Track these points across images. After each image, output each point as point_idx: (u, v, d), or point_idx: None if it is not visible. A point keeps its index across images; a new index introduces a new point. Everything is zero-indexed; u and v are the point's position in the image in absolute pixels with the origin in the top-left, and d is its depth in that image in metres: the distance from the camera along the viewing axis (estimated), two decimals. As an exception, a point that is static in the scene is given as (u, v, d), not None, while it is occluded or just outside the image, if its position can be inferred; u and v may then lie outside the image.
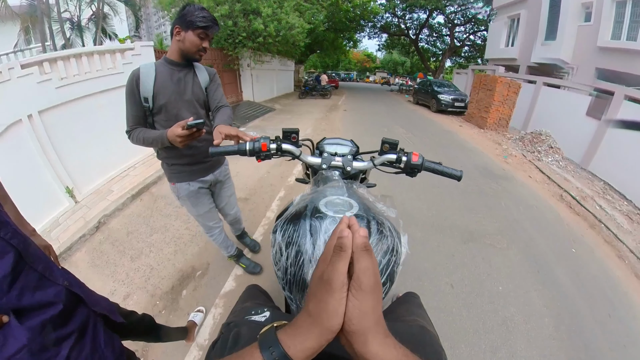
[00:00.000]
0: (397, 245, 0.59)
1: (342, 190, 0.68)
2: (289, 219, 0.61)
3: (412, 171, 0.84)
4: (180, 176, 1.35)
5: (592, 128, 5.25)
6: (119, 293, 1.89)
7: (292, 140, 0.91)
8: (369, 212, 0.60)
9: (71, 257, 2.27)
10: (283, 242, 0.57)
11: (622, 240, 2.92)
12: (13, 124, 2.60)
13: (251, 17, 7.98)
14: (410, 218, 2.77)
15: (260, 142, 0.85)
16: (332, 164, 0.88)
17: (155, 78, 1.15)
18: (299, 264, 0.53)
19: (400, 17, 19.62)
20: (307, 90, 13.20)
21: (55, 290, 0.63)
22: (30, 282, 0.58)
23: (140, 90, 1.15)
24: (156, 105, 1.18)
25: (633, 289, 2.25)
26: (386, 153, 0.88)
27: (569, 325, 1.79)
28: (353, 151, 0.97)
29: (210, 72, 1.34)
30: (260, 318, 0.51)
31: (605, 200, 3.97)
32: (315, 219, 0.56)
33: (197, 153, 1.32)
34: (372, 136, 6.09)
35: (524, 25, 10.74)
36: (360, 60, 45.09)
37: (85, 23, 11.17)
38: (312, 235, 0.53)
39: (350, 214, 0.57)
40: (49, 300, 0.61)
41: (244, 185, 3.48)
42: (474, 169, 4.38)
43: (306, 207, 0.60)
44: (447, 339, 1.62)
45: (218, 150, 0.87)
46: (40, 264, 0.63)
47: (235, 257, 1.97)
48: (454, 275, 2.07)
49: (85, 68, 3.35)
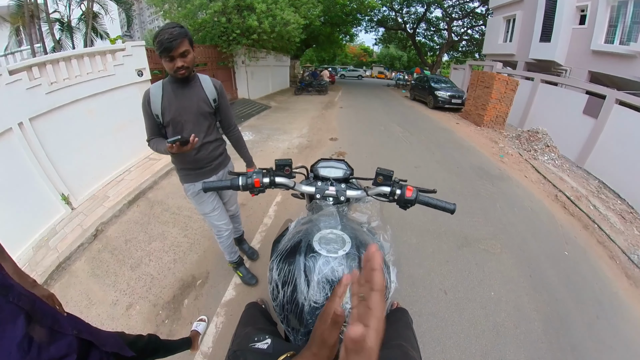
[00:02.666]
0: (387, 281, 0.61)
1: (335, 221, 0.70)
2: (285, 256, 0.63)
3: (405, 205, 0.85)
4: (186, 178, 1.51)
5: (589, 126, 5.28)
6: (121, 303, 1.90)
7: (285, 172, 0.91)
8: (360, 249, 0.62)
9: (71, 267, 2.28)
10: (279, 280, 0.60)
11: (614, 240, 2.98)
12: (4, 132, 2.55)
13: (245, 13, 7.84)
14: (406, 223, 2.80)
15: (253, 178, 0.86)
16: (325, 193, 0.88)
17: (162, 97, 1.30)
18: (295, 302, 0.55)
19: (397, 10, 19.37)
20: (303, 86, 13.08)
21: (67, 342, 0.66)
22: (43, 339, 0.60)
23: (152, 109, 1.31)
24: (165, 120, 1.33)
25: (623, 290, 2.32)
26: (380, 185, 0.88)
27: (557, 328, 1.84)
28: (347, 174, 0.97)
29: (217, 85, 1.44)
30: (262, 345, 0.55)
31: (599, 199, 4.03)
32: (309, 259, 0.58)
33: (201, 159, 1.46)
34: (369, 135, 6.08)
35: (519, 25, 10.70)
36: (357, 54, 44.61)
37: (76, 23, 10.91)
38: (307, 275, 0.56)
39: (343, 253, 0.59)
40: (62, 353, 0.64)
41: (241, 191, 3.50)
42: (470, 170, 4.41)
43: (300, 243, 0.62)
44: (439, 344, 1.67)
45: (211, 186, 0.90)
46: (48, 318, 0.65)
47: (236, 264, 2.00)
48: (448, 282, 2.12)
49: (75, 71, 3.28)
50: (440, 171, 4.28)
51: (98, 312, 1.84)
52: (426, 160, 4.72)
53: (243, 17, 7.80)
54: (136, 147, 4.22)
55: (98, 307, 1.88)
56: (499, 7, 11.99)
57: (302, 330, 0.55)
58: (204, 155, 1.45)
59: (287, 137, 5.87)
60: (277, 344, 0.55)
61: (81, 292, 2.00)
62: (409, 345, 0.69)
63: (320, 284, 0.55)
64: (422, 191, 0.85)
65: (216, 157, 1.52)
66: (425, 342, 1.65)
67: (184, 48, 1.16)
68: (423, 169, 4.35)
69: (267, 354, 0.52)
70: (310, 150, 5.04)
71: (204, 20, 7.84)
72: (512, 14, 11.07)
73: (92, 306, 1.89)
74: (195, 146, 1.15)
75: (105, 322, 1.78)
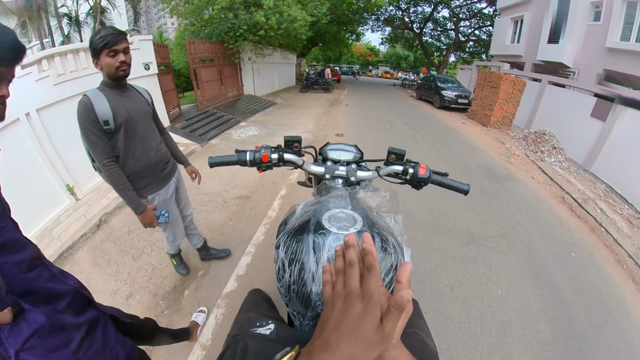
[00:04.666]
0: (401, 261, 0.58)
1: (345, 202, 0.67)
2: (292, 234, 0.60)
3: (418, 184, 0.82)
4: (150, 189, 1.40)
5: (597, 129, 5.20)
6: (121, 292, 1.90)
7: (294, 149, 0.88)
8: (373, 227, 0.59)
9: (73, 256, 2.28)
10: (286, 258, 0.57)
11: (622, 245, 2.93)
12: (12, 122, 2.57)
13: (252, 9, 7.83)
14: (412, 219, 2.77)
15: (261, 153, 0.82)
16: (335, 173, 0.86)
17: (108, 99, 1.18)
18: (302, 282, 0.52)
19: (404, 10, 19.23)
20: (309, 84, 13.05)
21: (66, 288, 0.71)
22: (44, 275, 0.67)
23: (99, 115, 1.15)
24: (117, 123, 1.20)
25: (630, 294, 2.27)
26: (392, 164, 0.85)
27: (565, 330, 1.81)
28: (357, 157, 0.94)
29: (145, 91, 1.42)
30: (265, 331, 0.52)
31: (606, 203, 3.97)
32: (318, 236, 0.55)
33: (159, 160, 1.40)
34: (375, 132, 6.05)
35: (527, 26, 10.56)
36: (363, 53, 44.46)
37: (84, 18, 10.98)
38: (316, 252, 0.53)
39: (355, 230, 0.56)
40: (59, 292, 0.69)
41: (245, 183, 3.45)
42: (476, 169, 4.36)
43: (309, 222, 0.59)
44: (445, 341, 1.64)
45: (217, 161, 0.86)
46: (56, 269, 0.72)
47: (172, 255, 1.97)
48: (454, 278, 2.09)
49: (82, 64, 3.31)
50: (446, 169, 4.15)
51: (98, 301, 1.82)
52: (432, 158, 4.69)
53: (250, 13, 7.78)
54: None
55: (99, 295, 1.88)
56: (507, 7, 11.86)
57: (309, 314, 0.51)
58: (161, 157, 1.41)
59: (293, 132, 5.85)
60: (281, 329, 0.52)
61: (82, 281, 1.96)
62: (423, 334, 0.67)
63: (331, 261, 0.51)
64: (435, 173, 0.82)
65: (169, 159, 1.50)
66: (431, 339, 1.63)
67: (126, 45, 1.16)
68: (430, 166, 4.31)
69: (269, 340, 0.48)
70: (316, 145, 5.01)
71: (211, 16, 7.84)
72: (520, 14, 10.93)
73: (93, 295, 1.85)
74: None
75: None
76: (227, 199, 3.07)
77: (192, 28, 8.10)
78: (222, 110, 7.15)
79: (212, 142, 5.19)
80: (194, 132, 5.37)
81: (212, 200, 3.02)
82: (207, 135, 5.38)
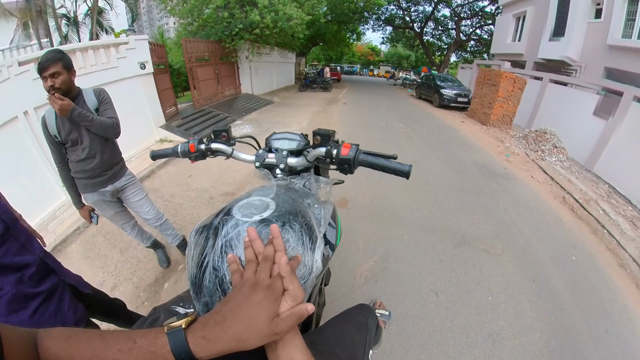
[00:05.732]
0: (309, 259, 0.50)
1: (270, 191, 0.61)
2: (206, 223, 0.57)
3: (342, 166, 0.70)
4: (85, 188, 1.58)
5: (599, 128, 5.03)
6: (107, 284, 1.95)
7: (222, 138, 0.91)
8: (283, 216, 0.53)
9: (66, 249, 2.35)
10: (193, 244, 0.55)
11: (625, 248, 2.76)
12: (10, 120, 2.69)
13: (248, 8, 7.77)
14: (398, 218, 2.62)
15: (188, 144, 0.89)
16: (265, 161, 0.82)
17: (55, 118, 1.39)
18: (199, 267, 0.49)
19: (405, 9, 19.11)
20: (308, 83, 12.98)
21: (32, 258, 0.82)
22: (12, 249, 0.76)
23: (50, 130, 1.41)
24: (62, 138, 1.42)
25: (633, 301, 2.10)
26: (317, 146, 0.75)
27: (561, 341, 1.65)
28: (301, 145, 0.86)
29: (97, 93, 1.52)
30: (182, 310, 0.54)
31: (609, 204, 3.79)
32: (221, 222, 0.52)
33: (96, 168, 1.53)
34: (369, 130, 5.93)
35: (529, 22, 10.37)
36: (364, 53, 44.32)
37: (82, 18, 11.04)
38: (214, 238, 0.50)
39: (258, 217, 0.51)
40: (25, 263, 0.79)
41: (232, 180, 3.46)
42: (472, 167, 4.20)
43: (223, 209, 0.57)
44: (424, 351, 1.50)
45: (158, 153, 0.95)
46: (24, 236, 0.82)
47: (152, 247, 2.09)
48: (440, 282, 1.93)
49: (79, 63, 3.35)
50: (440, 167, 4.09)
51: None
52: (426, 156, 4.53)
53: (245, 12, 7.72)
54: (137, 138, 4.46)
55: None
56: (509, 3, 11.66)
57: (202, 299, 0.47)
58: (99, 165, 1.52)
59: (286, 130, 5.75)
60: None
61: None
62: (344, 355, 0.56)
63: (223, 248, 0.47)
64: (371, 154, 0.69)
65: (111, 167, 1.60)
66: (409, 348, 1.48)
67: (55, 70, 1.28)
68: (422, 164, 4.16)
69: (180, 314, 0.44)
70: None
71: (207, 15, 7.81)
72: (523, 10, 10.71)
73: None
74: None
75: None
76: (214, 195, 3.09)
77: (190, 28, 8.08)
78: (218, 109, 7.15)
79: (204, 140, 5.15)
80: (189, 130, 5.47)
81: (199, 197, 3.07)
82: (202, 134, 5.41)
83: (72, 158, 1.48)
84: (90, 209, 1.63)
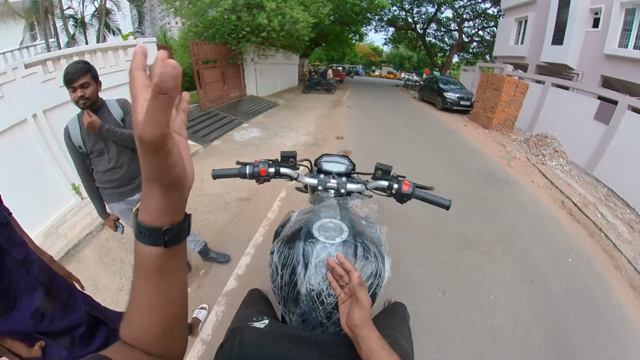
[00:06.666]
0: (381, 269, 0.65)
1: (335, 212, 0.74)
2: (285, 241, 0.67)
3: (401, 199, 0.88)
4: (111, 198, 1.57)
5: (600, 132, 5.15)
6: (126, 289, 1.95)
7: (289, 163, 0.97)
8: (357, 238, 0.66)
9: (79, 253, 2.35)
10: (279, 263, 0.64)
11: (621, 250, 2.91)
12: (19, 123, 2.65)
13: (255, 11, 7.88)
14: (407, 223, 2.79)
15: (259, 168, 0.91)
16: (327, 185, 0.93)
17: (80, 129, 1.38)
18: (292, 284, 0.60)
19: (407, 10, 19.15)
20: (312, 84, 13.08)
21: (79, 315, 0.77)
22: (57, 311, 0.71)
23: (74, 141, 1.39)
24: (88, 149, 1.42)
25: (627, 301, 2.26)
26: (379, 179, 0.91)
27: (556, 336, 1.82)
28: (349, 169, 1.02)
29: (122, 104, 1.51)
30: (260, 325, 0.60)
31: (607, 207, 3.93)
32: (308, 244, 0.62)
33: (121, 177, 1.53)
34: (376, 135, 6.07)
35: (531, 27, 10.46)
36: (367, 53, 44.33)
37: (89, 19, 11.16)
38: (305, 259, 0.61)
39: (340, 240, 0.63)
40: (74, 323, 0.74)
41: (246, 185, 3.47)
42: (475, 172, 4.36)
43: (301, 230, 0.67)
44: (435, 344, 1.67)
45: (220, 173, 0.93)
46: (64, 293, 0.75)
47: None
48: (447, 283, 2.11)
49: None
50: (444, 172, 4.25)
51: (103, 297, 1.90)
52: (431, 162, 4.69)
53: (253, 15, 7.84)
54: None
55: (104, 292, 1.94)
56: (511, 8, 11.75)
57: (298, 311, 0.59)
58: (126, 174, 1.53)
59: (294, 134, 5.90)
60: (274, 324, 0.60)
61: (88, 278, 2.06)
62: (400, 335, 0.71)
63: (317, 267, 0.59)
64: (420, 187, 0.87)
65: (138, 175, 1.56)
66: (421, 342, 1.66)
67: (84, 80, 1.28)
68: (427, 169, 4.33)
69: (263, 332, 0.56)
70: (317, 147, 5.06)
71: (214, 17, 7.92)
72: (524, 15, 10.82)
73: (98, 292, 1.95)
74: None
75: (110, 307, 1.81)
76: (229, 201, 3.12)
77: (196, 29, 8.20)
78: (224, 111, 7.20)
79: (214, 144, 5.25)
80: (197, 133, 5.39)
81: (213, 202, 3.07)
82: (210, 137, 5.40)
83: (97, 168, 1.47)
84: (115, 218, 1.60)
